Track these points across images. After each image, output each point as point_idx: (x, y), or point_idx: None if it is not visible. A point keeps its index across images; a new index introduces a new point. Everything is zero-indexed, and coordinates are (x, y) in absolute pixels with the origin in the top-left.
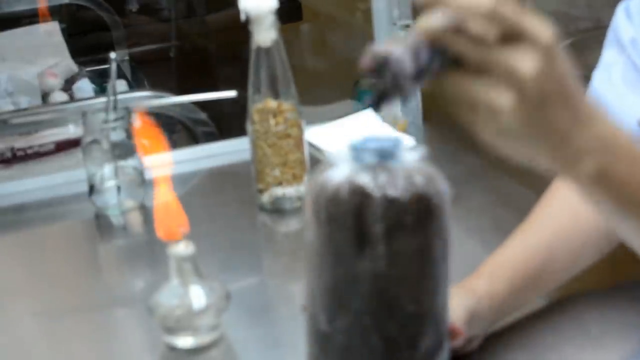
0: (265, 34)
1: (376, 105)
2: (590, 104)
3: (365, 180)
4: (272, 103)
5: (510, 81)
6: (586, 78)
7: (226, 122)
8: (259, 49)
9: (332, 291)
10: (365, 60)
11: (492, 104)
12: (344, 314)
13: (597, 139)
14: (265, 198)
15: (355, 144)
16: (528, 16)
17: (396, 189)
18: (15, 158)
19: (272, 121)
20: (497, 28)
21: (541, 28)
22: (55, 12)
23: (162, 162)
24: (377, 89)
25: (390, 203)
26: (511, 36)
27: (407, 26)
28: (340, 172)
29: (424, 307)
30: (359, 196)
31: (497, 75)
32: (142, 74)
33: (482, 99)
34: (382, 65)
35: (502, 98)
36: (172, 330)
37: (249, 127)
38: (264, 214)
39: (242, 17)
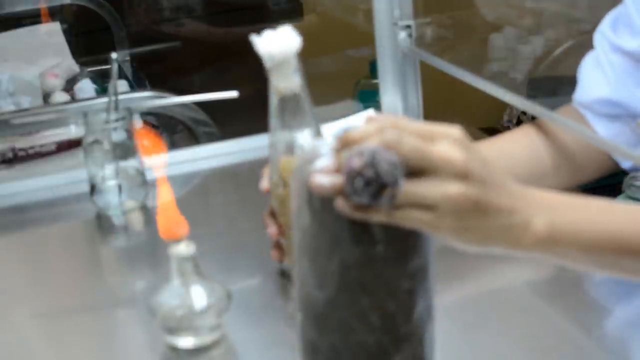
0: (290, 81)
1: (376, 196)
2: (517, 187)
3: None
4: None
5: (442, 208)
6: None
7: (228, 122)
8: (283, 99)
9: (329, 275)
10: (355, 161)
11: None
12: (341, 296)
13: (537, 203)
14: None
15: (338, 133)
16: (431, 143)
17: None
18: (16, 158)
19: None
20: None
21: (448, 148)
22: (56, 13)
23: (163, 163)
24: (374, 181)
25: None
26: (423, 170)
27: (408, 27)
28: (329, 161)
29: (418, 280)
30: None
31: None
32: (143, 74)
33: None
34: (373, 159)
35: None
36: (173, 330)
37: (277, 189)
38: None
39: (267, 64)
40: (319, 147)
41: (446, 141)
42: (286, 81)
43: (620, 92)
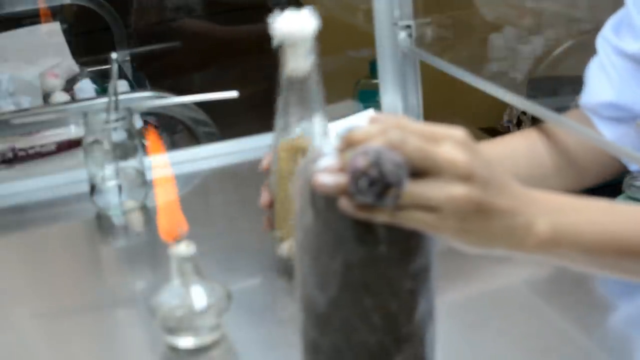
0: (300, 62)
1: (380, 196)
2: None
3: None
4: (301, 140)
5: (446, 210)
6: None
7: (228, 122)
8: (290, 78)
9: (332, 275)
10: (360, 161)
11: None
12: (344, 296)
13: (540, 204)
14: (285, 247)
15: (341, 133)
16: (435, 144)
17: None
18: (16, 158)
19: (300, 160)
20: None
21: (451, 150)
22: (56, 13)
23: (163, 163)
24: (379, 180)
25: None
26: (426, 171)
27: (408, 27)
28: (333, 160)
29: (420, 280)
30: None
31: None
32: (143, 74)
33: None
34: (378, 159)
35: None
36: (173, 330)
37: (274, 165)
38: (281, 265)
39: (277, 43)
40: (323, 146)
41: (450, 142)
42: (297, 62)
43: (624, 94)
